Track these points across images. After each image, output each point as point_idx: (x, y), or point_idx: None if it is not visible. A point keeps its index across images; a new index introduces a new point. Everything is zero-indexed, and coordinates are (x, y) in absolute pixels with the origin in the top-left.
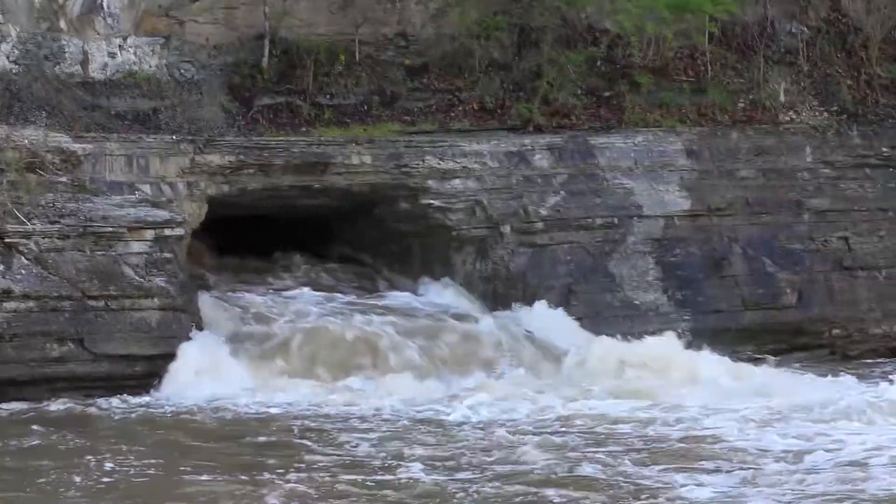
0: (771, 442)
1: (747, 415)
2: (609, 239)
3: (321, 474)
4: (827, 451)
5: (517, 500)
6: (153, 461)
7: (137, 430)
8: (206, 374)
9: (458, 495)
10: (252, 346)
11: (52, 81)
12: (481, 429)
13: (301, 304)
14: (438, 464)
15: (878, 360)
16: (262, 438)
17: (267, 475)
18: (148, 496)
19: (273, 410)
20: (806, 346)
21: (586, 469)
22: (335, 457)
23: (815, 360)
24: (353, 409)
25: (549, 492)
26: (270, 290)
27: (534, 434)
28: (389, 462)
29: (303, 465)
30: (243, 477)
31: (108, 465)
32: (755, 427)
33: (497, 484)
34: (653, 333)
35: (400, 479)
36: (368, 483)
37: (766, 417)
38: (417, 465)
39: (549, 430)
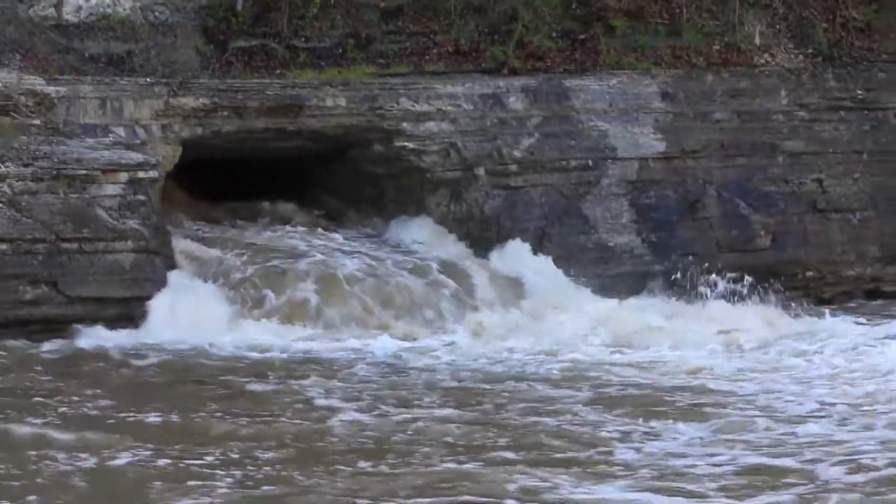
0: None
1: None
2: (583, 181)
3: (265, 418)
4: None
5: None
6: (108, 401)
7: (101, 372)
8: (182, 316)
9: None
10: (230, 290)
11: (25, 24)
12: None
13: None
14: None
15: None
16: (220, 379)
17: (212, 416)
18: (87, 433)
19: (246, 354)
20: (779, 289)
21: None
22: (285, 399)
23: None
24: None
25: None
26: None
27: None
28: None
29: (250, 408)
30: (192, 416)
31: (64, 407)
32: None
33: None
34: (627, 276)
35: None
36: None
37: None
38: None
39: None
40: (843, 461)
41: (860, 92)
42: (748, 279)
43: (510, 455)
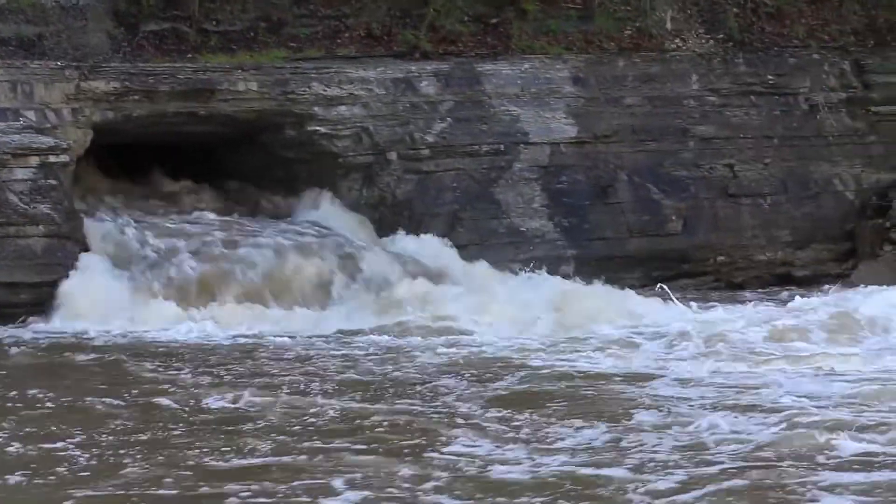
0: None
1: None
2: (495, 166)
3: (139, 399)
4: None
5: None
6: None
7: None
8: (91, 302)
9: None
10: (140, 275)
11: None
12: None
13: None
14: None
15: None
16: (102, 365)
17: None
18: None
19: (145, 338)
20: (691, 274)
21: None
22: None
23: (700, 287)
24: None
25: None
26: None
27: None
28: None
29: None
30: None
31: None
32: None
33: None
34: (539, 261)
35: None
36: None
37: None
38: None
39: None
40: None
41: (771, 77)
42: None
43: None
